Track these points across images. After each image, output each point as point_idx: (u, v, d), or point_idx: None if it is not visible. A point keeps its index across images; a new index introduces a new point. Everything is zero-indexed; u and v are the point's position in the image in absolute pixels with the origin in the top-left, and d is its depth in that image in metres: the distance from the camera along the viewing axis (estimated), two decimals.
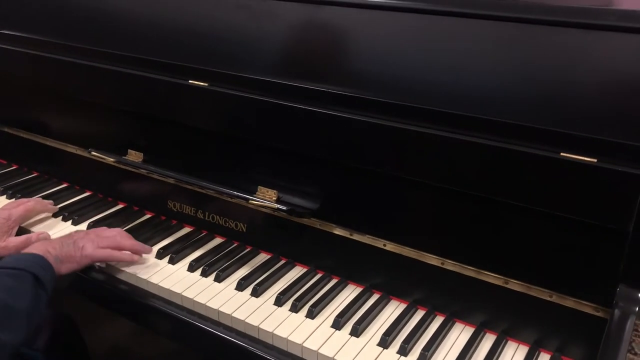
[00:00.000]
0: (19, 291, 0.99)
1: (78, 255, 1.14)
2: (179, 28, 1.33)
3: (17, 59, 1.50)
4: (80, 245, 1.15)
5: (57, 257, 1.10)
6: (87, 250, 1.15)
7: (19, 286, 1.00)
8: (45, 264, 1.07)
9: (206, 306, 1.10)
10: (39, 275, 1.03)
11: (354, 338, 1.02)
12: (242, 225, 1.28)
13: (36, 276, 1.02)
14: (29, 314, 0.99)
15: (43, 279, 1.03)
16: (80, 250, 1.15)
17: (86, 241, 1.16)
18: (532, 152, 0.91)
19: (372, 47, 1.12)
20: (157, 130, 1.37)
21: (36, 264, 1.05)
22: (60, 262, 1.11)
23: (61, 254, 1.12)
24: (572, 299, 0.96)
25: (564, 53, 0.96)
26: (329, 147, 1.11)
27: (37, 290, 1.02)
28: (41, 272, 1.04)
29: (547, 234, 0.95)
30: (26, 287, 1.01)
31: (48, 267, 1.07)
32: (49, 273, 1.06)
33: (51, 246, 1.12)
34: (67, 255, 1.13)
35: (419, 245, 1.07)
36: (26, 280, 1.01)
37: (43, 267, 1.06)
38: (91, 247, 1.16)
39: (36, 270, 1.03)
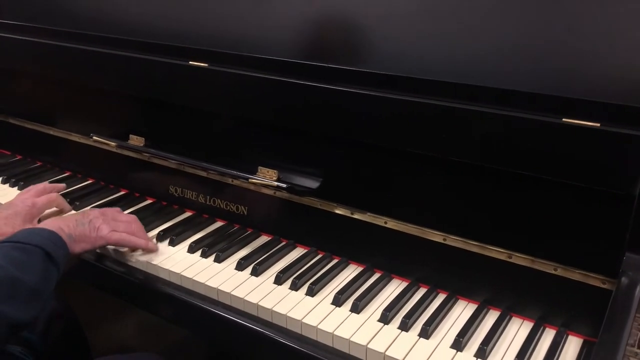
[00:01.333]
0: (28, 266, 0.96)
1: (93, 236, 1.12)
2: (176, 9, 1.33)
3: (17, 47, 1.51)
4: (96, 226, 1.13)
5: (71, 235, 1.08)
6: (103, 232, 1.12)
7: (28, 261, 0.97)
8: (58, 241, 1.04)
9: (205, 285, 1.08)
10: (50, 252, 1.00)
11: (354, 314, 1.00)
12: (243, 208, 1.26)
13: (47, 252, 0.99)
14: (37, 290, 0.95)
15: (54, 255, 1.00)
16: (95, 230, 1.12)
17: (102, 222, 1.14)
18: (533, 119, 0.90)
19: (373, 22, 1.11)
20: (158, 114, 1.37)
21: (48, 239, 1.02)
22: (74, 241, 1.08)
23: (75, 233, 1.09)
24: (577, 272, 0.93)
25: (562, 17, 0.94)
26: (328, 122, 1.09)
27: (48, 266, 0.99)
28: (53, 249, 1.01)
29: (551, 204, 0.93)
30: (36, 262, 0.98)
31: (61, 244, 1.04)
32: (61, 250, 1.03)
33: (65, 224, 1.09)
34: (82, 234, 1.10)
35: (420, 221, 1.06)
36: (36, 256, 0.98)
37: (55, 244, 1.03)
38: (107, 228, 1.13)
39: (48, 246, 1.00)
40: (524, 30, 0.98)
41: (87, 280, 1.24)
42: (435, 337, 0.96)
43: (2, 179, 1.50)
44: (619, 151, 0.84)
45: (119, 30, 1.39)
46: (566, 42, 0.94)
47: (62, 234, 1.06)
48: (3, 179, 1.50)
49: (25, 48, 1.50)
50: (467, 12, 1.02)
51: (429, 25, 1.06)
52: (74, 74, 1.45)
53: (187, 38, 1.30)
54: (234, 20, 1.26)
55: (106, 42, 1.36)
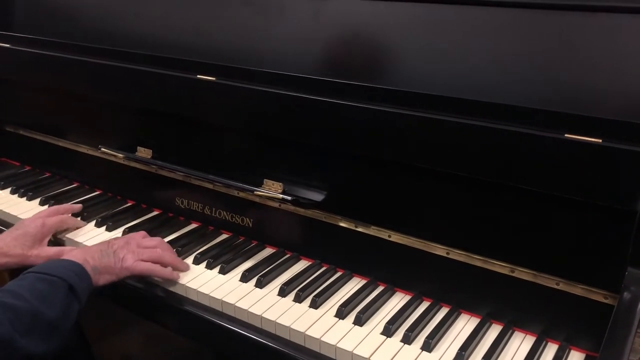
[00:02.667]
0: (51, 299, 0.95)
1: (118, 267, 1.10)
2: (187, 24, 1.35)
3: (28, 60, 1.54)
4: (121, 257, 1.11)
5: (96, 268, 1.06)
6: (128, 262, 1.10)
7: (51, 294, 0.96)
8: (83, 273, 1.03)
9: (210, 296, 1.09)
10: (74, 285, 0.99)
11: (357, 327, 1.01)
12: (248, 220, 1.28)
13: (71, 285, 0.98)
14: (57, 324, 0.95)
15: (78, 288, 0.99)
16: (120, 261, 1.10)
17: (127, 252, 1.12)
18: (536, 134, 0.90)
19: (377, 38, 1.13)
20: (165, 126, 1.38)
21: (73, 272, 1.01)
22: (99, 273, 1.07)
23: (100, 264, 1.07)
24: (580, 286, 0.94)
25: (565, 35, 0.95)
26: (333, 136, 1.11)
27: (71, 300, 0.98)
28: (77, 281, 1.00)
29: (554, 219, 0.94)
30: (59, 295, 0.97)
31: (85, 276, 1.03)
32: (85, 283, 1.02)
33: (90, 255, 1.08)
34: (106, 266, 1.08)
35: (424, 235, 1.06)
36: (60, 289, 0.97)
37: (79, 276, 1.02)
38: (132, 259, 1.11)
39: (72, 279, 0.99)
40: (525, 45, 1.00)
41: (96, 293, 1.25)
42: (437, 350, 0.96)
43: (12, 189, 1.52)
44: (620, 167, 0.85)
45: (129, 44, 1.41)
46: (568, 58, 0.96)
47: (87, 266, 1.05)
48: (12, 189, 1.52)
49: (36, 61, 1.52)
50: (467, 28, 1.04)
51: (431, 40, 1.08)
52: (83, 86, 1.47)
53: (195, 52, 1.32)
54: (242, 35, 1.28)
55: (115, 55, 1.39)
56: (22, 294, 0.93)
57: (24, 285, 0.96)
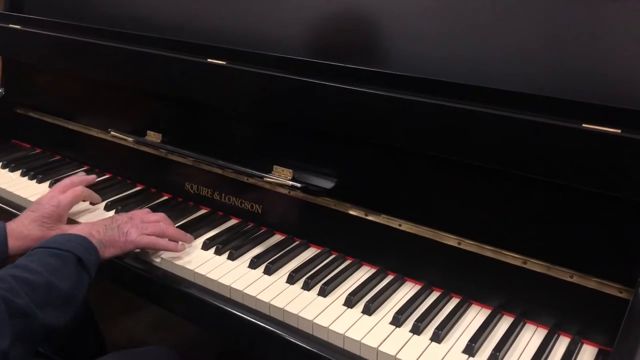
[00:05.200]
0: (62, 272, 0.97)
1: (122, 241, 1.11)
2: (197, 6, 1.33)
3: (39, 42, 1.53)
4: (125, 230, 1.12)
5: (101, 241, 1.08)
6: (132, 236, 1.12)
7: (63, 267, 0.97)
8: (90, 247, 1.04)
9: (218, 282, 1.08)
10: (82, 258, 1.00)
11: (366, 316, 1.00)
12: (258, 206, 1.27)
13: (80, 258, 1.00)
14: (71, 295, 0.97)
15: (87, 261, 1.01)
16: (124, 235, 1.12)
17: (130, 226, 1.13)
18: (552, 124, 0.88)
19: (392, 20, 1.10)
20: (175, 110, 1.37)
21: (81, 245, 1.03)
22: (104, 247, 1.08)
23: (105, 238, 1.09)
24: (594, 279, 0.92)
25: (585, 21, 0.93)
26: (345, 123, 1.09)
27: (81, 273, 1.00)
28: (85, 255, 1.01)
29: (569, 210, 0.92)
30: (70, 269, 0.98)
31: (93, 249, 1.04)
32: (93, 256, 1.04)
33: (95, 229, 1.09)
34: (111, 239, 1.10)
35: (435, 224, 1.05)
36: (70, 262, 0.99)
37: (87, 250, 1.03)
38: (135, 233, 1.13)
39: (80, 253, 1.01)
40: (544, 33, 0.97)
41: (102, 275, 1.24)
42: (447, 341, 0.95)
43: (21, 171, 1.52)
44: (638, 158, 0.83)
45: (139, 27, 1.40)
46: (587, 46, 0.93)
47: (93, 240, 1.06)
48: (22, 171, 1.52)
49: (46, 43, 1.51)
50: (485, 13, 1.01)
51: (447, 25, 1.05)
52: (93, 69, 1.46)
53: (205, 35, 1.30)
54: (253, 18, 1.27)
55: (125, 38, 1.37)
56: (36, 268, 0.95)
57: (35, 260, 0.97)
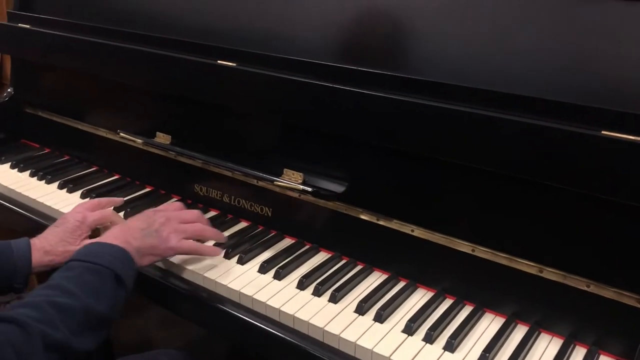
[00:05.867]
0: (100, 292, 0.91)
1: (162, 248, 1.05)
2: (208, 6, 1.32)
3: (48, 42, 1.52)
4: (164, 236, 1.06)
5: (139, 249, 1.02)
6: (172, 242, 1.06)
7: (100, 286, 0.92)
8: (127, 259, 0.98)
9: (227, 287, 1.07)
10: (120, 274, 0.94)
11: (378, 324, 0.98)
12: (268, 209, 1.25)
13: (117, 275, 0.94)
14: (107, 317, 0.92)
15: (124, 276, 0.95)
16: (164, 241, 1.06)
17: (169, 230, 1.07)
18: (571, 131, 0.86)
19: (406, 23, 1.08)
20: (185, 112, 1.36)
21: (118, 259, 0.96)
22: (142, 255, 1.02)
23: (143, 245, 1.03)
24: (611, 289, 0.90)
25: (605, 25, 0.90)
26: (357, 126, 1.07)
27: (118, 291, 0.94)
28: (123, 270, 0.95)
29: (586, 218, 0.90)
30: (108, 286, 0.92)
31: (130, 262, 0.98)
32: (130, 271, 0.98)
33: (132, 236, 1.02)
34: (150, 246, 1.04)
35: (448, 230, 1.03)
36: (108, 280, 0.93)
37: (124, 263, 0.97)
38: (175, 238, 1.07)
39: (118, 268, 0.94)
40: (563, 37, 0.95)
41: None
42: (460, 350, 0.93)
43: (31, 171, 1.51)
44: None
45: (149, 27, 1.39)
46: (607, 51, 0.91)
47: (130, 249, 1.00)
48: (31, 172, 1.51)
49: (56, 43, 1.50)
50: (504, 18, 0.99)
51: (462, 28, 1.03)
52: (102, 69, 1.45)
53: (216, 36, 1.29)
54: (264, 19, 1.25)
55: (135, 38, 1.36)
56: (73, 290, 0.89)
57: (72, 279, 0.91)
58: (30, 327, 0.82)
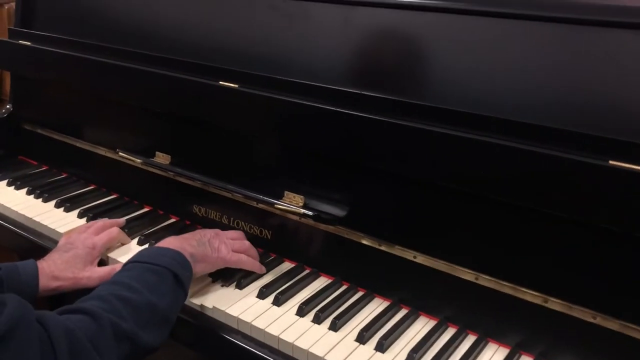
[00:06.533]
0: (161, 290, 0.94)
1: (214, 257, 1.09)
2: (210, 29, 1.31)
3: (48, 59, 1.51)
4: (216, 246, 1.10)
5: (194, 256, 1.04)
6: (222, 253, 1.10)
7: (160, 285, 0.95)
8: (185, 262, 1.01)
9: (225, 313, 1.05)
10: (179, 275, 0.97)
11: (379, 353, 0.96)
12: (267, 232, 1.23)
13: (176, 275, 0.97)
14: (169, 315, 0.94)
15: (182, 278, 0.98)
16: (216, 251, 1.09)
17: (219, 242, 1.11)
18: (577, 160, 0.85)
19: (408, 48, 1.08)
20: (185, 132, 1.35)
21: (176, 261, 0.99)
22: (196, 261, 1.05)
23: (198, 253, 1.06)
24: (618, 322, 0.88)
25: (611, 55, 0.90)
26: (360, 151, 1.06)
27: (177, 290, 0.97)
28: (181, 271, 0.98)
29: (593, 249, 0.88)
30: (167, 286, 0.95)
31: (187, 265, 1.01)
32: (187, 272, 1.01)
33: (187, 243, 1.06)
34: (204, 254, 1.07)
35: (451, 258, 1.01)
36: (167, 279, 0.96)
37: (182, 266, 1.00)
38: (225, 249, 1.10)
39: (176, 269, 0.97)
40: (567, 64, 0.94)
41: None
42: None
43: (28, 189, 1.49)
44: None
45: (150, 46, 1.38)
46: (615, 78, 0.90)
47: (186, 254, 1.03)
48: (28, 189, 1.49)
49: (56, 61, 1.49)
50: (504, 43, 0.99)
51: (466, 54, 1.02)
52: (102, 87, 1.44)
53: (218, 57, 1.28)
54: (266, 41, 1.24)
55: (136, 57, 1.35)
56: (135, 286, 0.92)
57: (134, 277, 0.94)
58: (100, 317, 0.84)
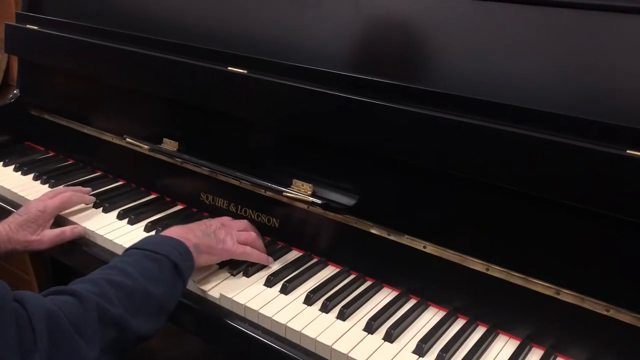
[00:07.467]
0: (158, 278, 0.93)
1: (219, 248, 1.08)
2: (219, 13, 1.30)
3: (56, 44, 1.50)
4: (221, 237, 1.09)
5: (198, 246, 1.04)
6: (228, 244, 1.09)
7: (158, 273, 0.94)
8: (186, 252, 1.00)
9: (233, 301, 1.04)
10: (178, 264, 0.96)
11: (387, 343, 0.95)
12: (275, 220, 1.22)
13: (176, 264, 0.96)
14: (165, 304, 0.94)
15: (182, 267, 0.97)
16: (221, 242, 1.08)
17: (225, 234, 1.10)
18: (594, 149, 0.83)
19: (422, 34, 1.06)
20: (193, 119, 1.34)
21: (177, 250, 0.98)
22: (200, 252, 1.04)
23: (202, 244, 1.05)
24: (631, 314, 0.86)
25: (629, 42, 0.87)
26: (370, 138, 1.04)
27: (176, 280, 0.96)
28: (181, 261, 0.97)
29: (608, 240, 0.86)
30: (166, 275, 0.95)
31: (188, 256, 1.00)
32: (188, 263, 1.00)
33: (192, 233, 1.05)
34: (208, 245, 1.06)
35: (462, 248, 1.00)
36: (166, 268, 0.95)
37: (183, 255, 0.99)
38: (231, 241, 1.09)
39: (176, 258, 0.97)
40: (587, 52, 0.92)
41: None
42: None
43: (34, 175, 1.49)
44: None
45: (159, 31, 1.36)
46: (634, 65, 0.88)
47: (189, 244, 1.02)
48: (35, 175, 1.48)
49: (63, 45, 1.48)
50: (521, 29, 0.97)
51: (481, 40, 1.00)
52: (109, 73, 1.43)
53: (227, 43, 1.26)
54: (277, 26, 1.22)
55: (144, 42, 1.34)
56: (131, 272, 0.91)
57: (131, 263, 0.94)
58: (86, 299, 0.83)
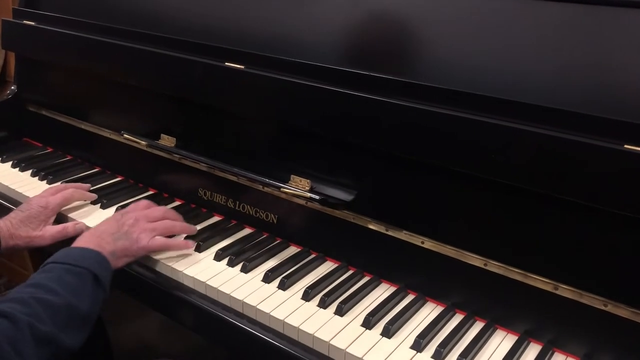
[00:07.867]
0: (81, 291, 0.94)
1: (134, 249, 1.08)
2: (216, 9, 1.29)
3: (53, 40, 1.50)
4: (135, 237, 1.09)
5: (114, 252, 1.04)
6: (143, 242, 1.09)
7: (80, 286, 0.94)
8: (104, 262, 1.00)
9: (230, 296, 1.04)
10: (98, 275, 0.97)
11: (385, 339, 0.95)
12: (273, 216, 1.22)
13: (96, 275, 0.97)
14: (89, 316, 0.94)
15: (102, 277, 0.97)
16: (136, 242, 1.08)
17: (139, 231, 1.10)
18: (591, 144, 0.83)
19: (420, 30, 1.05)
20: (191, 114, 1.33)
21: (95, 261, 0.99)
22: (117, 258, 1.05)
23: (117, 249, 1.05)
24: (629, 309, 0.86)
25: (627, 37, 0.87)
26: (367, 134, 1.04)
27: (97, 291, 0.97)
28: (100, 271, 0.98)
29: (606, 235, 0.86)
30: (88, 287, 0.95)
31: (106, 265, 1.01)
32: (107, 271, 1.00)
33: (104, 240, 1.05)
34: (123, 248, 1.06)
35: (460, 243, 1.00)
36: (87, 280, 0.96)
37: (102, 266, 0.99)
38: (146, 237, 1.09)
39: (96, 269, 0.97)
40: (585, 47, 0.91)
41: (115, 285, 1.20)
42: None
43: (32, 171, 1.48)
44: None
45: (156, 27, 1.36)
46: (631, 59, 0.88)
47: (105, 253, 1.02)
48: (33, 171, 1.48)
49: (61, 41, 1.48)
50: (520, 24, 0.96)
51: (480, 36, 1.00)
52: (108, 69, 1.42)
53: (224, 38, 1.26)
54: (274, 22, 1.22)
55: (141, 38, 1.34)
56: (55, 288, 0.91)
57: (54, 279, 0.94)
58: (18, 320, 0.83)
